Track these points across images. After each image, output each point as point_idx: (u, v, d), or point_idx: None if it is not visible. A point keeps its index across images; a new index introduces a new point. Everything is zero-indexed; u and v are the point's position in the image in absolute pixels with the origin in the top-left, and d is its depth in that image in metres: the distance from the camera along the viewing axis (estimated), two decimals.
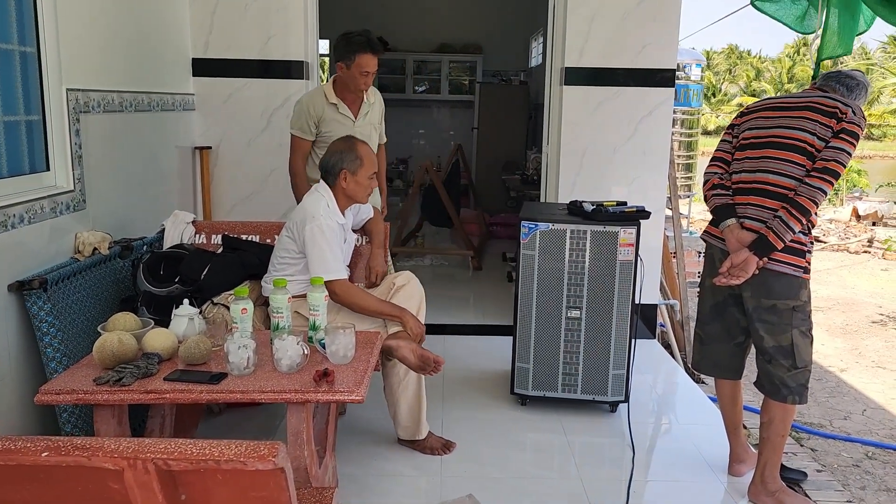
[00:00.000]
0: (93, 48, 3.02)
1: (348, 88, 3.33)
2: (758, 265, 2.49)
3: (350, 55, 3.22)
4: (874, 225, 10.85)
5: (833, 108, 2.48)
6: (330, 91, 3.34)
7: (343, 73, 3.28)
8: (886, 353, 5.54)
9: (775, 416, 2.61)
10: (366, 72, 3.25)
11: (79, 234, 2.82)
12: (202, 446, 1.18)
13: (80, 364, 2.21)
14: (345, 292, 2.69)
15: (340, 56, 3.25)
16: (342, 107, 3.35)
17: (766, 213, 2.50)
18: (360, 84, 3.29)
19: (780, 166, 2.51)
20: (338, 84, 3.36)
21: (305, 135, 3.33)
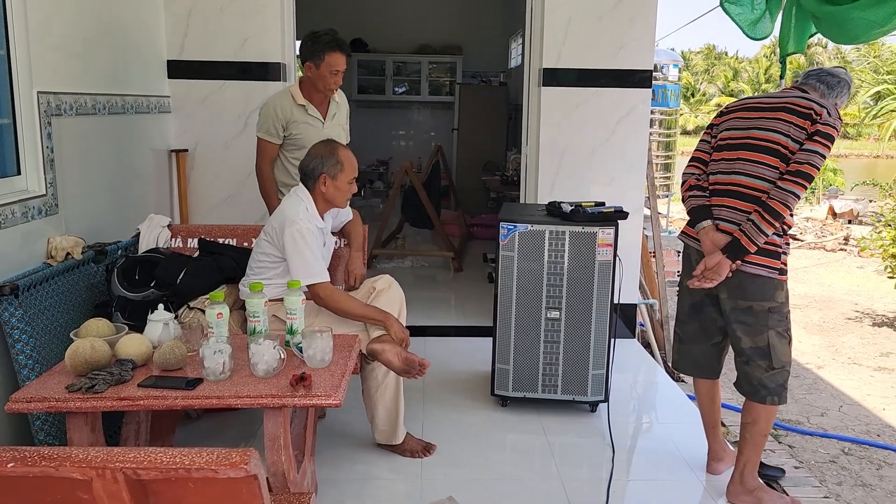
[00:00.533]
0: (65, 50, 2.97)
1: (316, 89, 3.29)
2: (731, 268, 2.51)
3: (319, 54, 3.19)
4: (850, 223, 11.00)
5: (807, 110, 2.47)
6: (297, 93, 3.30)
7: (312, 73, 3.24)
8: (862, 350, 5.61)
9: (759, 417, 2.62)
10: (336, 71, 3.21)
11: (51, 239, 2.77)
12: (172, 454, 1.16)
13: (53, 371, 2.17)
14: (328, 296, 2.68)
15: (309, 56, 3.22)
16: (311, 108, 3.32)
17: (740, 216, 2.52)
18: (330, 84, 3.25)
19: (754, 168, 2.52)
20: (305, 85, 3.32)
21: (273, 138, 3.29)
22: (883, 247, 6.73)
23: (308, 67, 3.24)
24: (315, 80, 3.26)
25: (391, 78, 9.57)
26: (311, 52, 3.21)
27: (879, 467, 3.63)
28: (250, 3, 4.05)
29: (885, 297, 7.10)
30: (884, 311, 6.71)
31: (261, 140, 3.32)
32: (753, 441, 2.63)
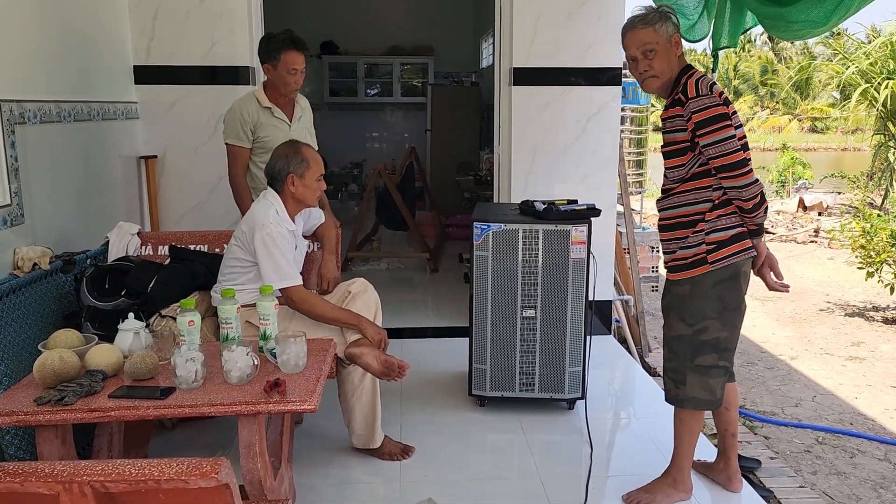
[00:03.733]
0: (27, 57, 2.92)
1: (279, 91, 3.26)
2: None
3: (275, 54, 3.15)
4: (819, 215, 11.16)
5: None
6: (262, 96, 3.27)
7: (271, 74, 3.21)
8: (833, 340, 5.69)
9: None
10: (294, 69, 3.18)
11: (17, 250, 2.72)
12: (141, 466, 1.14)
13: (21, 384, 2.13)
14: (302, 299, 2.66)
15: (266, 57, 3.19)
16: (276, 111, 3.28)
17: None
18: (290, 83, 3.21)
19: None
20: (268, 88, 3.29)
21: (243, 142, 3.26)
22: (852, 238, 6.84)
23: (266, 69, 3.21)
24: (275, 82, 3.22)
25: (363, 80, 9.54)
26: (266, 54, 3.18)
27: (853, 455, 3.69)
28: (217, 6, 4.01)
29: (856, 287, 7.22)
30: (854, 301, 6.82)
31: (231, 146, 3.28)
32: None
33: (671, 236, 2.51)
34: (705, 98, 2.33)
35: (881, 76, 11.44)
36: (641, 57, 2.42)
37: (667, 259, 2.55)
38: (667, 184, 2.53)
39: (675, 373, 2.53)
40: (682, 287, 2.48)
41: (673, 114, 2.42)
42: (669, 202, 2.50)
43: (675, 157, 2.46)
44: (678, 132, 2.42)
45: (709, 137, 2.32)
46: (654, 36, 2.40)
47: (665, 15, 2.43)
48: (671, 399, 2.58)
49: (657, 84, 2.46)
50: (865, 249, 6.50)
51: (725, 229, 2.42)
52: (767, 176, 14.72)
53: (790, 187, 13.45)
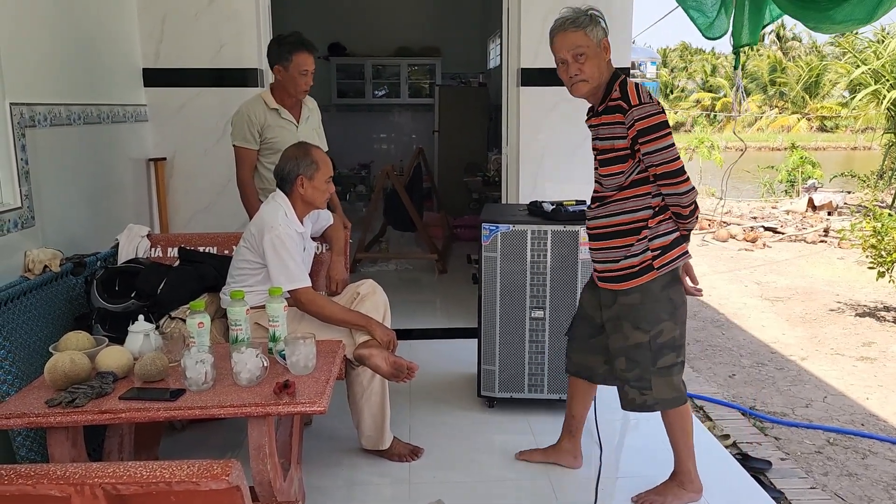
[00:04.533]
0: (37, 61, 2.94)
1: (287, 93, 3.27)
2: None
3: (287, 56, 3.17)
4: (829, 215, 11.11)
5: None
6: (269, 97, 3.28)
7: (282, 76, 3.22)
8: (844, 340, 5.66)
9: None
10: (305, 70, 3.19)
11: (28, 252, 2.73)
12: (152, 468, 1.14)
13: (32, 386, 2.14)
14: (310, 301, 2.66)
15: (277, 59, 3.20)
16: (283, 112, 3.30)
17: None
18: (301, 85, 3.22)
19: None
20: (276, 90, 3.30)
21: (250, 144, 3.27)
22: (863, 238, 6.80)
23: (277, 71, 3.22)
24: (286, 84, 3.23)
25: (370, 81, 9.56)
26: (277, 55, 3.19)
27: (864, 456, 3.66)
28: (225, 8, 4.02)
29: (866, 287, 7.17)
30: (865, 301, 6.78)
31: (238, 148, 3.29)
32: None
33: (609, 245, 2.48)
34: (648, 106, 2.32)
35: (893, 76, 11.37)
36: (572, 60, 2.40)
37: (605, 269, 2.51)
38: (601, 191, 2.50)
39: (639, 381, 2.53)
40: (631, 296, 2.47)
41: (612, 120, 2.40)
42: (606, 210, 2.48)
43: (615, 165, 2.42)
44: (618, 139, 2.39)
45: (651, 145, 2.33)
46: (585, 40, 2.38)
47: (595, 18, 2.42)
48: (637, 407, 2.57)
49: (587, 88, 2.43)
50: (876, 249, 6.45)
51: (667, 234, 2.45)
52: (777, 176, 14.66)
53: (799, 187, 13.39)
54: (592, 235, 2.55)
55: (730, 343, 5.59)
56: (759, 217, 11.19)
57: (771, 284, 7.41)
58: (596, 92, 2.45)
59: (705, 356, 5.27)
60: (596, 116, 2.48)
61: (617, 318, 2.52)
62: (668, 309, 2.48)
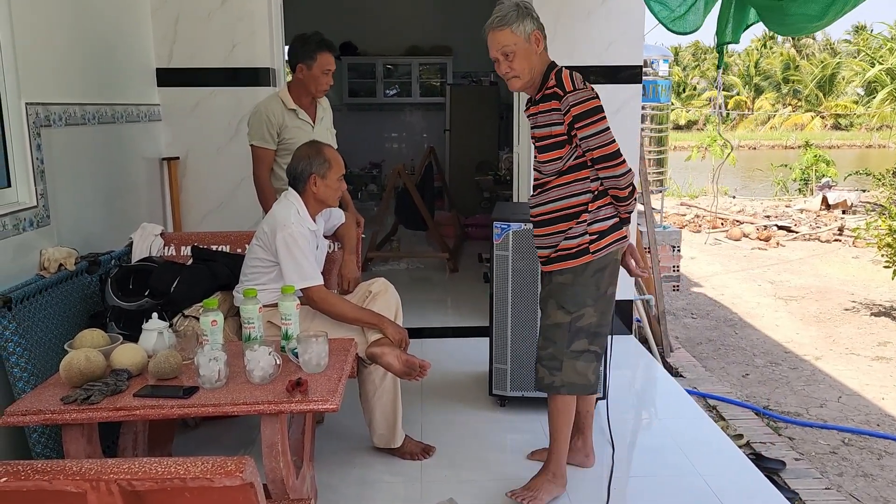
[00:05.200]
0: (52, 61, 2.96)
1: (307, 91, 3.28)
2: None
3: (312, 54, 3.18)
4: (844, 213, 11.02)
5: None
6: (287, 97, 3.28)
7: (304, 74, 3.22)
8: (859, 340, 5.62)
9: None
10: (328, 70, 3.22)
11: (43, 251, 2.76)
12: (167, 464, 1.15)
13: (48, 383, 2.16)
14: (323, 299, 2.67)
15: (301, 57, 3.20)
16: (301, 112, 3.30)
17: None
18: (322, 84, 3.24)
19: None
20: (294, 89, 3.30)
21: (268, 144, 3.27)
22: (878, 236, 6.74)
23: (300, 69, 3.22)
24: (307, 82, 3.24)
25: (382, 80, 9.56)
26: (302, 53, 3.20)
27: (880, 457, 3.63)
28: (238, 8, 4.04)
29: (882, 286, 7.11)
30: (880, 300, 6.72)
31: (256, 148, 3.29)
32: None
33: (553, 230, 2.51)
34: (582, 91, 2.37)
35: None
36: (502, 58, 2.43)
37: (545, 253, 2.56)
38: (541, 178, 2.54)
39: (551, 360, 2.56)
40: (563, 276, 2.51)
41: (548, 108, 2.43)
42: (547, 196, 2.51)
43: (552, 151, 2.46)
44: (555, 125, 2.43)
45: (587, 129, 2.37)
46: (512, 37, 2.40)
47: (524, 12, 2.42)
48: (545, 387, 2.60)
49: (520, 84, 2.47)
50: (892, 247, 6.40)
51: (605, 219, 2.48)
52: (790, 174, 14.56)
53: (813, 185, 13.29)
54: (536, 222, 2.57)
55: (743, 342, 5.56)
56: (773, 216, 11.12)
57: (785, 283, 7.36)
58: (533, 84, 2.48)
59: (718, 356, 5.25)
60: (534, 105, 2.51)
61: (547, 297, 2.57)
62: (594, 295, 2.51)
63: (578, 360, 2.55)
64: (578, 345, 2.54)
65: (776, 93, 37.84)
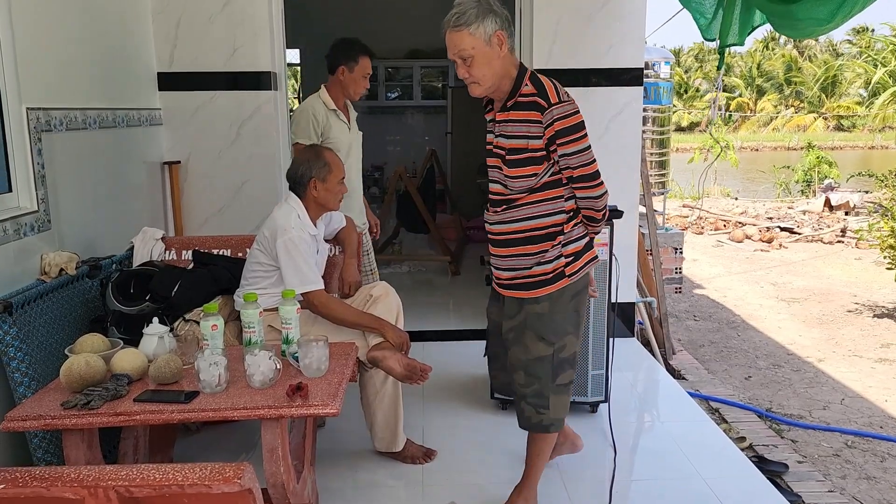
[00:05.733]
0: (53, 66, 2.97)
1: (346, 93, 3.40)
2: None
3: (355, 57, 3.31)
4: (846, 215, 11.00)
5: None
6: (328, 98, 3.39)
7: (345, 77, 3.33)
8: (862, 342, 5.60)
9: None
10: (367, 74, 3.36)
11: (44, 255, 2.76)
12: (165, 471, 1.15)
13: (48, 388, 2.16)
14: (323, 303, 2.67)
15: (343, 59, 3.32)
16: (340, 114, 3.41)
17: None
18: (361, 87, 3.37)
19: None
20: (333, 91, 3.40)
21: (313, 142, 3.33)
22: (881, 238, 6.72)
23: (341, 71, 3.33)
24: (347, 84, 3.35)
25: (383, 83, 9.57)
26: (345, 56, 3.30)
27: (883, 459, 3.62)
28: (239, 12, 4.04)
29: (885, 287, 7.09)
30: (883, 302, 6.70)
31: (301, 146, 3.32)
32: None
33: (519, 251, 2.30)
34: (567, 104, 2.17)
35: None
36: (460, 62, 2.20)
37: (513, 276, 2.34)
38: (507, 194, 2.29)
39: (538, 397, 2.36)
40: (540, 305, 2.31)
41: (525, 117, 2.19)
42: (515, 214, 2.28)
43: (527, 166, 2.21)
44: (533, 139, 2.19)
45: (570, 146, 2.17)
46: (470, 40, 2.14)
47: (485, 10, 2.15)
48: (533, 426, 2.41)
49: (481, 90, 2.24)
50: (894, 249, 6.38)
51: (578, 239, 2.32)
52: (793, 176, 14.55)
53: (816, 187, 13.27)
54: (497, 241, 2.35)
55: (746, 345, 5.55)
56: (776, 217, 11.10)
57: (787, 285, 7.35)
58: (498, 89, 2.24)
59: (721, 358, 5.24)
60: (503, 111, 2.26)
61: (521, 329, 2.34)
62: (574, 321, 2.35)
63: (565, 394, 2.40)
64: (564, 377, 2.37)
65: (778, 94, 37.81)
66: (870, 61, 15.38)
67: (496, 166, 2.30)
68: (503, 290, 2.40)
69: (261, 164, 4.16)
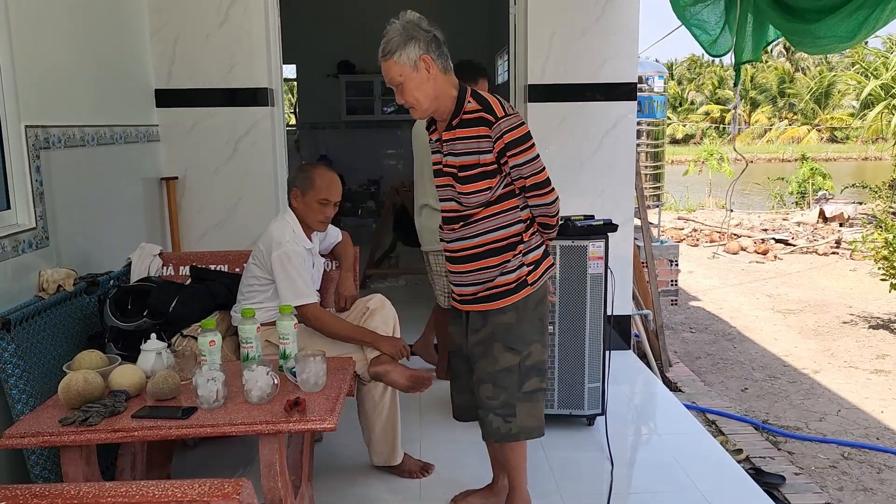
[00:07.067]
0: (52, 84, 2.98)
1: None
2: None
3: (475, 78, 3.47)
4: (841, 226, 11.05)
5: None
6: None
7: None
8: (857, 353, 5.62)
9: None
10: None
11: (42, 272, 2.77)
12: (164, 487, 1.15)
13: (46, 405, 2.16)
14: (317, 317, 2.68)
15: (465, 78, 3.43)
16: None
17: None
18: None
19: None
20: None
21: None
22: (875, 249, 6.76)
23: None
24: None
25: (379, 98, 9.61)
26: (468, 75, 3.42)
27: (880, 471, 3.63)
28: (236, 29, 4.07)
29: (880, 299, 7.12)
30: (878, 313, 6.73)
31: None
32: None
33: (482, 265, 2.32)
34: (514, 117, 2.22)
35: None
36: (395, 89, 2.25)
37: (474, 291, 2.35)
38: (462, 210, 2.30)
39: (504, 407, 2.37)
40: (506, 315, 2.33)
41: (474, 133, 2.22)
42: (474, 229, 2.31)
43: (481, 181, 2.25)
44: (483, 153, 2.23)
45: (521, 157, 2.22)
46: (397, 68, 2.19)
47: (407, 37, 2.18)
48: (501, 437, 2.41)
49: (421, 113, 2.27)
50: (888, 260, 6.41)
51: (537, 248, 2.37)
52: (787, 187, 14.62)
53: (810, 198, 13.33)
54: (457, 258, 2.36)
55: (742, 356, 5.56)
56: (770, 229, 11.15)
57: (783, 297, 7.37)
58: (440, 107, 2.27)
59: (717, 370, 5.25)
60: (449, 130, 2.28)
61: (488, 341, 2.36)
62: (539, 329, 2.39)
63: (531, 401, 2.40)
64: (530, 384, 2.39)
65: (772, 106, 38.02)
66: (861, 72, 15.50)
67: (448, 185, 2.32)
68: (466, 306, 2.40)
69: (258, 179, 4.18)
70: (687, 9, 3.73)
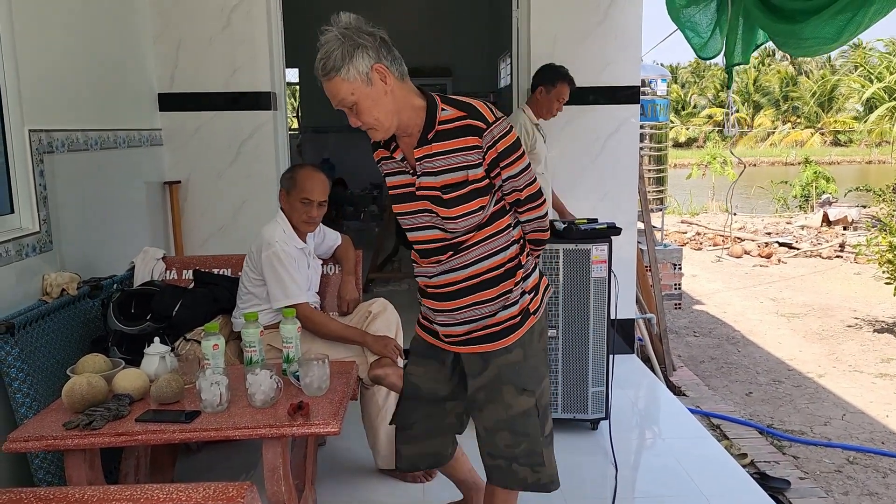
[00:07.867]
0: (55, 88, 2.99)
1: (548, 111, 3.85)
2: None
3: (553, 80, 3.78)
4: (845, 229, 11.03)
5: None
6: (531, 113, 3.86)
7: (541, 96, 3.82)
8: (862, 357, 5.60)
9: None
10: (562, 98, 3.81)
11: (46, 276, 2.77)
12: (169, 491, 1.15)
13: (50, 409, 2.16)
14: (306, 317, 2.68)
15: (544, 80, 3.81)
16: (541, 127, 3.89)
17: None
18: (554, 109, 3.84)
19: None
20: (534, 107, 3.86)
21: None
22: (879, 252, 6.74)
23: (539, 91, 3.83)
24: (542, 103, 3.83)
25: None
26: (547, 78, 3.81)
27: (885, 475, 3.61)
28: (239, 33, 4.08)
29: (884, 302, 7.10)
30: (883, 316, 6.71)
31: None
32: None
33: (480, 298, 1.94)
34: (504, 121, 1.86)
35: None
36: (347, 111, 1.86)
37: (468, 330, 1.98)
38: (450, 238, 1.92)
39: (531, 455, 2.01)
40: (513, 353, 1.97)
41: (460, 145, 1.83)
42: (467, 258, 1.93)
43: (472, 200, 1.86)
44: (471, 168, 1.84)
45: (515, 166, 1.87)
46: (346, 86, 1.80)
47: (352, 47, 1.79)
48: (530, 486, 2.05)
49: (382, 133, 1.90)
50: (893, 264, 6.40)
51: (533, 269, 2.04)
52: (791, 191, 14.60)
53: (814, 202, 13.32)
54: (445, 294, 1.97)
55: (746, 360, 5.55)
56: (774, 233, 11.13)
57: (787, 300, 7.35)
58: (404, 122, 1.89)
59: (721, 374, 5.23)
60: (423, 146, 1.88)
61: (495, 385, 1.99)
62: (545, 360, 2.07)
63: (552, 444, 2.09)
64: (549, 426, 2.07)
65: (775, 109, 38.00)
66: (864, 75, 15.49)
67: (424, 210, 1.92)
68: (458, 348, 2.02)
69: (261, 183, 4.18)
70: (681, 10, 3.74)
